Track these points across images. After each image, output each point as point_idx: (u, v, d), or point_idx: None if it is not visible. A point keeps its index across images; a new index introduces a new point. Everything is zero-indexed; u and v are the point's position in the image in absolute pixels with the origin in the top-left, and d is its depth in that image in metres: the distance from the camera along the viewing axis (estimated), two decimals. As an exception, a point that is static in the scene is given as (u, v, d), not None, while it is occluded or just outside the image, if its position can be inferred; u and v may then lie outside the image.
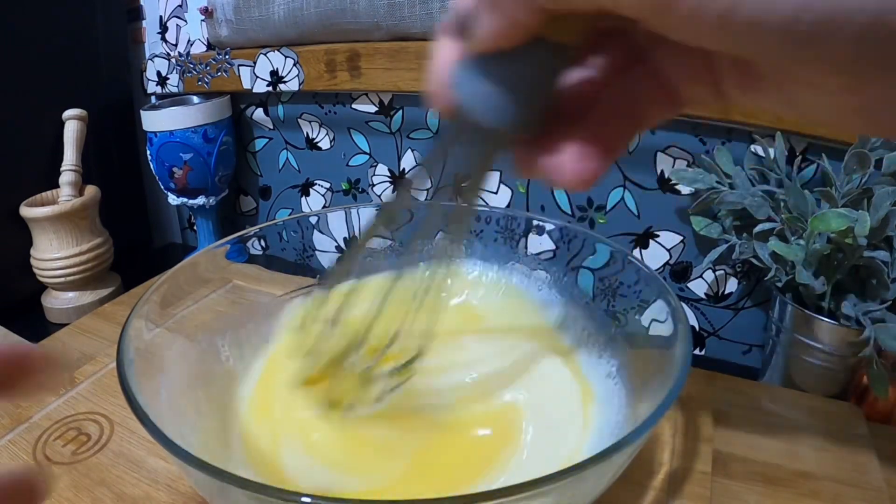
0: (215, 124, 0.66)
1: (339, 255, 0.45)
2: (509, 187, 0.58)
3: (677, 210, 0.52)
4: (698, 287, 0.54)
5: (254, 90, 0.65)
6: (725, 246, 0.46)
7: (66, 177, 0.62)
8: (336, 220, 0.47)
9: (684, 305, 0.55)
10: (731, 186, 0.45)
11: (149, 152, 0.67)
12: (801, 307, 0.42)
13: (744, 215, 0.45)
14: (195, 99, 0.68)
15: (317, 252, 0.47)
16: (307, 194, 0.72)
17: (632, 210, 0.54)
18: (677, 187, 0.52)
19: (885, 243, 0.39)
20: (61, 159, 0.62)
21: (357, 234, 0.47)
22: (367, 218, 0.47)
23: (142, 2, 0.72)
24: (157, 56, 0.71)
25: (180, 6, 0.68)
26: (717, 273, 0.53)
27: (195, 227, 0.76)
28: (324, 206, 0.71)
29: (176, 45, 0.70)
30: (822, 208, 0.40)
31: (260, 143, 0.73)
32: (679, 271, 0.54)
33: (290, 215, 0.73)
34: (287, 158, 0.71)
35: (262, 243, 0.45)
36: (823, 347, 0.42)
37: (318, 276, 0.40)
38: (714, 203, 0.45)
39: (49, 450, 0.38)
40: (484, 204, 0.60)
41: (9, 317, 0.60)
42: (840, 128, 0.41)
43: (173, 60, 0.69)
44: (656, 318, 0.33)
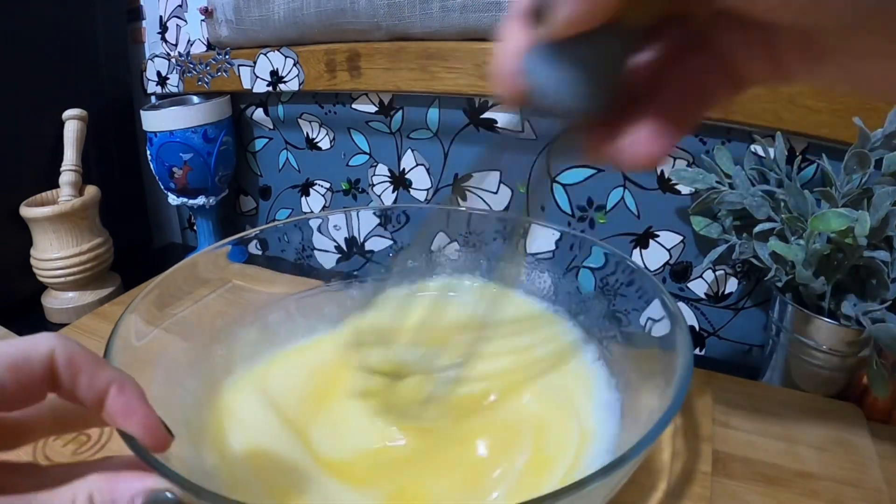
0: (215, 124, 0.66)
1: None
2: (509, 188, 0.58)
3: (677, 210, 0.52)
4: (698, 287, 0.54)
5: (254, 90, 0.65)
6: (725, 246, 0.46)
7: (66, 177, 0.62)
8: (336, 222, 0.47)
9: (684, 305, 0.55)
10: (731, 186, 0.45)
11: (149, 152, 0.67)
12: (801, 307, 0.42)
13: (744, 215, 0.45)
14: (195, 99, 0.68)
15: (316, 252, 0.47)
16: (307, 194, 0.72)
17: (632, 210, 0.54)
18: (677, 187, 0.52)
19: (885, 243, 0.39)
20: (61, 159, 0.62)
21: (357, 235, 0.47)
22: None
23: (142, 2, 0.72)
24: (157, 56, 0.71)
25: (180, 6, 0.68)
26: (717, 273, 0.53)
27: (195, 227, 0.76)
28: (324, 207, 0.71)
29: (176, 45, 0.70)
30: (822, 208, 0.40)
31: (260, 143, 0.73)
32: (679, 271, 0.54)
33: (290, 216, 0.74)
34: (287, 158, 0.71)
35: (261, 245, 0.45)
36: (823, 347, 0.42)
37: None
38: (714, 203, 0.45)
39: (49, 450, 0.38)
40: (485, 206, 0.60)
41: (9, 317, 0.60)
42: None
43: (173, 60, 0.69)
44: (655, 325, 0.33)
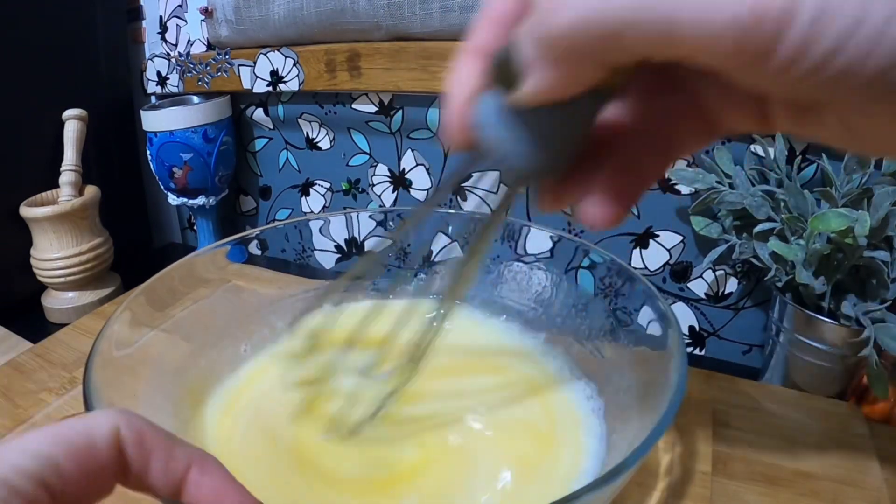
0: (215, 124, 0.66)
1: (343, 273, 0.44)
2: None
3: (677, 210, 0.52)
4: (698, 287, 0.54)
5: (254, 90, 0.65)
6: (725, 246, 0.46)
7: (66, 177, 0.62)
8: (336, 223, 0.47)
9: (684, 305, 0.55)
10: (731, 186, 0.45)
11: (149, 152, 0.67)
12: (801, 307, 0.42)
13: (744, 215, 0.45)
14: (195, 99, 0.68)
15: (316, 252, 0.47)
16: (307, 194, 0.72)
17: (632, 210, 0.54)
18: (677, 187, 0.52)
19: (885, 243, 0.39)
20: (61, 159, 0.62)
21: (357, 236, 0.47)
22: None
23: (142, 2, 0.72)
24: (157, 56, 0.71)
25: (180, 6, 0.68)
26: (717, 273, 0.53)
27: (195, 227, 0.76)
28: (324, 207, 0.71)
29: (176, 45, 0.70)
30: (822, 208, 0.40)
31: (260, 143, 0.73)
32: (679, 271, 0.54)
33: (290, 216, 0.74)
34: (287, 158, 0.71)
35: (260, 245, 0.45)
36: (823, 347, 0.42)
37: (320, 291, 0.38)
38: (714, 203, 0.45)
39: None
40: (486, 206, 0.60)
41: (9, 317, 0.61)
42: None
43: (173, 60, 0.69)
44: (651, 329, 0.33)
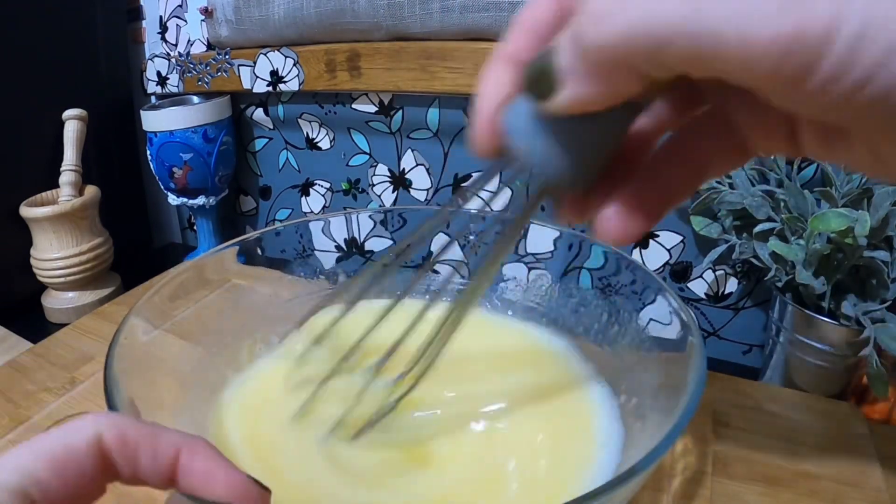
0: (215, 124, 0.66)
1: (357, 274, 0.44)
2: (510, 188, 0.58)
3: (677, 210, 0.52)
4: (698, 287, 0.54)
5: (254, 90, 0.65)
6: (725, 246, 0.46)
7: (66, 177, 0.62)
8: (336, 223, 0.47)
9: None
10: (731, 186, 0.45)
11: (149, 152, 0.67)
12: (801, 307, 0.42)
13: (744, 215, 0.45)
14: (195, 99, 0.68)
15: (316, 252, 0.47)
16: (307, 194, 0.72)
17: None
18: (677, 187, 0.52)
19: (885, 243, 0.39)
20: (61, 159, 0.62)
21: (357, 237, 0.47)
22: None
23: (142, 2, 0.72)
24: (157, 56, 0.71)
25: (180, 6, 0.68)
26: (717, 273, 0.53)
27: (195, 227, 0.76)
28: (324, 207, 0.71)
29: (176, 45, 0.70)
30: (822, 208, 0.40)
31: (260, 143, 0.73)
32: (679, 271, 0.54)
33: (290, 216, 0.74)
34: (287, 158, 0.71)
35: (262, 247, 0.45)
36: (823, 347, 0.42)
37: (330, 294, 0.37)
38: (714, 203, 0.45)
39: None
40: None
41: (9, 317, 0.60)
42: None
43: (173, 60, 0.69)
44: (661, 329, 0.33)
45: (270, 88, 0.64)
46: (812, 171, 0.46)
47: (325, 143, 0.68)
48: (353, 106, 0.64)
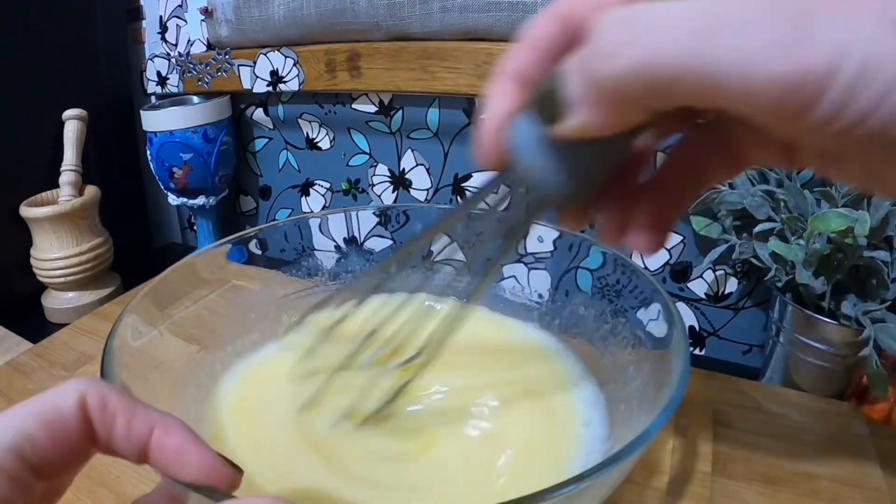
0: (215, 124, 0.66)
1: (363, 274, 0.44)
2: (508, 186, 0.58)
3: (677, 210, 0.52)
4: (698, 287, 0.54)
5: (254, 90, 0.65)
6: (725, 246, 0.46)
7: (66, 177, 0.62)
8: (336, 222, 0.47)
9: (684, 305, 0.55)
10: (731, 186, 0.45)
11: (149, 152, 0.67)
12: (801, 307, 0.42)
13: (744, 215, 0.45)
14: (195, 99, 0.68)
15: (316, 252, 0.47)
16: (307, 194, 0.72)
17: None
18: (677, 187, 0.52)
19: (885, 243, 0.39)
20: (61, 159, 0.62)
21: (357, 235, 0.47)
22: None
23: (142, 2, 0.72)
24: (157, 56, 0.71)
25: (180, 6, 0.68)
26: (717, 273, 0.53)
27: (195, 227, 0.76)
28: (324, 207, 0.71)
29: (176, 45, 0.70)
30: (822, 208, 0.40)
31: (260, 143, 0.73)
32: (679, 271, 0.54)
33: (290, 216, 0.74)
34: (287, 158, 0.71)
35: (261, 244, 0.45)
36: (823, 347, 0.42)
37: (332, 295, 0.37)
38: (714, 203, 0.45)
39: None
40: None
41: (9, 317, 0.61)
42: None
43: (173, 60, 0.69)
44: (652, 329, 0.33)
45: (270, 88, 0.64)
46: (812, 171, 0.46)
47: (325, 143, 0.68)
48: (353, 106, 0.64)
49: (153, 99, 0.74)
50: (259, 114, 0.70)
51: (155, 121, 0.64)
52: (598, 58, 0.15)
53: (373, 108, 0.63)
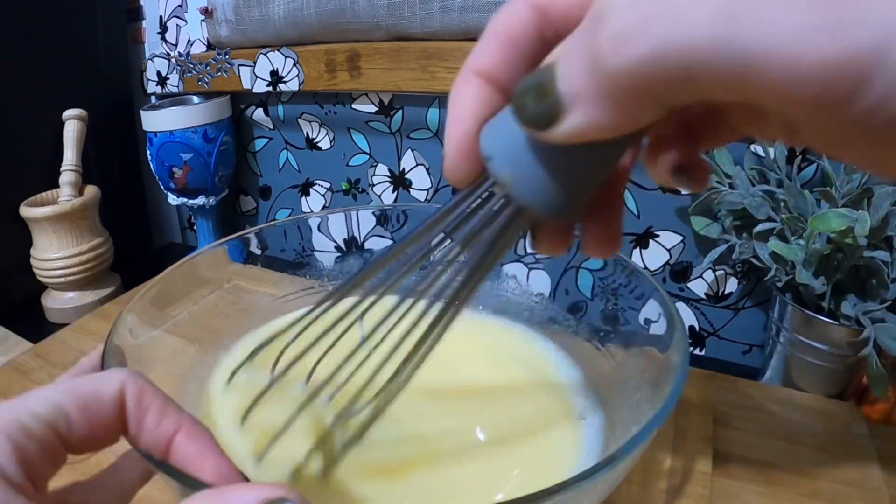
0: (215, 124, 0.66)
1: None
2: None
3: (677, 210, 0.52)
4: (698, 287, 0.54)
5: (254, 90, 0.65)
6: (725, 246, 0.46)
7: (66, 177, 0.62)
8: (336, 222, 0.47)
9: (684, 305, 0.55)
10: (731, 186, 0.45)
11: (149, 152, 0.67)
12: (801, 307, 0.42)
13: (744, 215, 0.45)
14: (195, 99, 0.68)
15: (316, 252, 0.47)
16: (307, 194, 0.72)
17: (632, 210, 0.54)
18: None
19: (885, 243, 0.39)
20: (61, 159, 0.62)
21: (357, 236, 0.47)
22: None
23: (142, 2, 0.72)
24: (157, 56, 0.71)
25: (180, 6, 0.68)
26: (717, 273, 0.53)
27: (195, 227, 0.76)
28: (324, 207, 0.71)
29: (176, 45, 0.70)
30: (822, 208, 0.40)
31: (260, 143, 0.73)
32: (679, 271, 0.54)
33: (290, 216, 0.74)
34: (287, 158, 0.71)
35: (261, 244, 0.45)
36: (823, 347, 0.42)
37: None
38: (714, 203, 0.45)
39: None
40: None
41: (9, 317, 0.61)
42: None
43: (173, 60, 0.69)
44: (652, 328, 0.33)
45: (270, 88, 0.64)
46: (812, 171, 0.46)
47: (325, 143, 0.68)
48: (353, 106, 0.64)
49: (153, 99, 0.74)
50: (259, 114, 0.70)
51: (155, 121, 0.64)
52: (607, 45, 0.13)
53: (373, 108, 0.63)
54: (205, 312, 0.40)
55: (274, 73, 0.63)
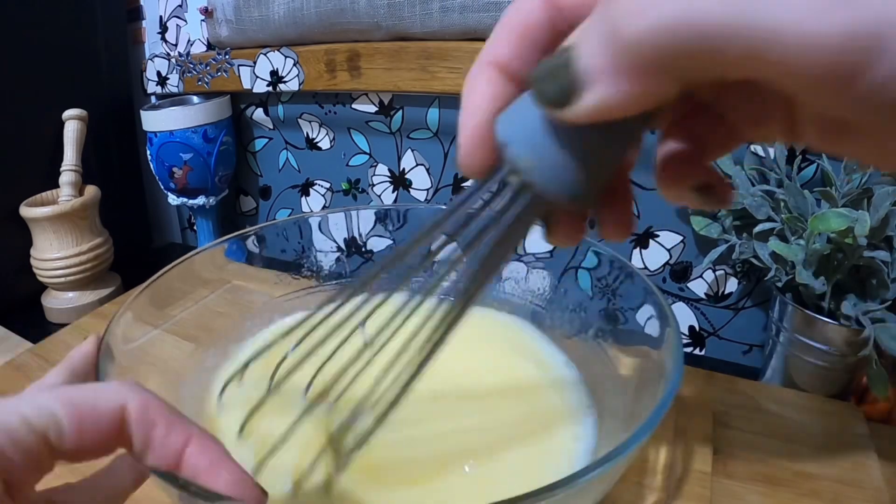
0: (215, 124, 0.66)
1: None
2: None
3: (677, 210, 0.52)
4: (698, 287, 0.54)
5: (254, 90, 0.65)
6: (725, 246, 0.46)
7: (66, 177, 0.62)
8: (335, 221, 0.47)
9: (684, 305, 0.55)
10: (731, 186, 0.45)
11: (149, 152, 0.67)
12: (801, 307, 0.42)
13: (744, 215, 0.45)
14: (195, 99, 0.68)
15: (316, 252, 0.47)
16: (307, 194, 0.72)
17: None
18: (677, 187, 0.51)
19: (885, 243, 0.39)
20: (61, 159, 0.62)
21: (357, 236, 0.47)
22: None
23: (142, 2, 0.72)
24: (157, 56, 0.71)
25: (180, 6, 0.68)
26: (717, 273, 0.53)
27: (195, 227, 0.76)
28: (324, 207, 0.71)
29: (176, 45, 0.70)
30: (822, 208, 0.40)
31: (260, 143, 0.73)
32: (679, 271, 0.54)
33: (290, 216, 0.74)
34: (287, 158, 0.71)
35: (260, 243, 0.45)
36: (823, 347, 0.42)
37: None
38: (714, 203, 0.45)
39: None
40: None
41: (9, 317, 0.61)
42: None
43: (173, 60, 0.69)
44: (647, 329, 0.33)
45: (270, 88, 0.64)
46: (812, 171, 0.46)
47: (325, 143, 0.68)
48: (353, 106, 0.64)
49: (153, 99, 0.74)
50: (259, 114, 0.70)
51: (155, 121, 0.64)
52: (624, 15, 0.13)
53: (373, 108, 0.63)
54: (204, 311, 0.40)
55: (274, 73, 0.63)
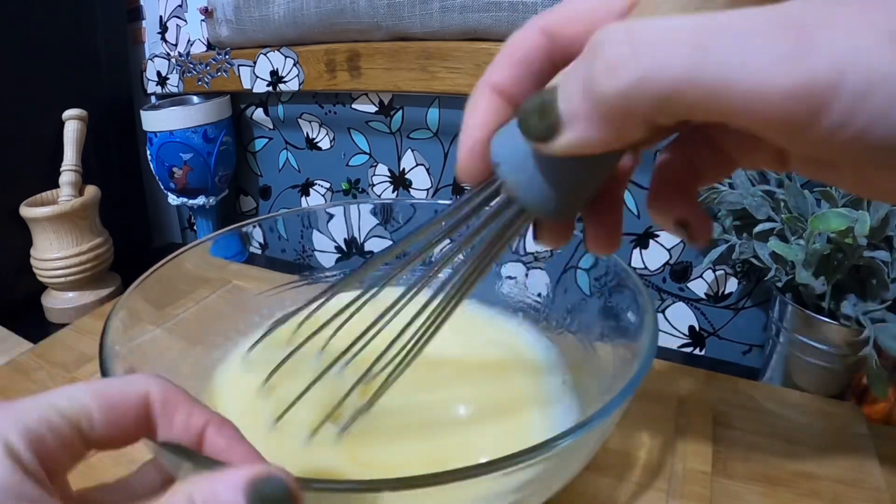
0: (215, 124, 0.66)
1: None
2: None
3: (677, 210, 0.52)
4: (698, 287, 0.54)
5: (254, 90, 0.65)
6: (725, 246, 0.46)
7: (66, 177, 0.62)
8: (335, 220, 0.47)
9: (684, 305, 0.55)
10: (731, 186, 0.45)
11: (149, 152, 0.67)
12: (801, 307, 0.42)
13: (744, 215, 0.45)
14: (195, 99, 0.68)
15: (316, 252, 0.47)
16: (307, 194, 0.72)
17: (632, 210, 0.54)
18: (677, 187, 0.51)
19: (885, 243, 0.39)
20: (61, 159, 0.62)
21: (357, 236, 0.47)
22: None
23: (142, 2, 0.72)
24: (157, 56, 0.71)
25: (180, 6, 0.68)
26: (717, 273, 0.53)
27: (195, 227, 0.76)
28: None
29: (176, 45, 0.70)
30: (822, 208, 0.40)
31: (260, 143, 0.73)
32: (679, 271, 0.54)
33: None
34: (287, 158, 0.71)
35: (261, 242, 0.45)
36: (823, 347, 0.42)
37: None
38: (714, 203, 0.45)
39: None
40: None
41: (9, 317, 0.61)
42: None
43: (173, 60, 0.69)
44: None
45: (270, 88, 0.64)
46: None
47: (325, 143, 0.68)
48: (353, 106, 0.64)
49: (153, 99, 0.74)
50: (259, 114, 0.70)
51: (155, 121, 0.64)
52: (600, 72, 0.15)
53: (373, 108, 0.63)
54: (202, 311, 0.40)
55: (274, 73, 0.63)
